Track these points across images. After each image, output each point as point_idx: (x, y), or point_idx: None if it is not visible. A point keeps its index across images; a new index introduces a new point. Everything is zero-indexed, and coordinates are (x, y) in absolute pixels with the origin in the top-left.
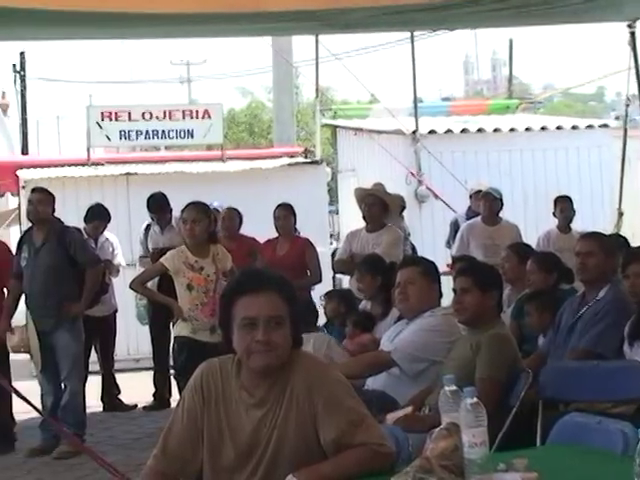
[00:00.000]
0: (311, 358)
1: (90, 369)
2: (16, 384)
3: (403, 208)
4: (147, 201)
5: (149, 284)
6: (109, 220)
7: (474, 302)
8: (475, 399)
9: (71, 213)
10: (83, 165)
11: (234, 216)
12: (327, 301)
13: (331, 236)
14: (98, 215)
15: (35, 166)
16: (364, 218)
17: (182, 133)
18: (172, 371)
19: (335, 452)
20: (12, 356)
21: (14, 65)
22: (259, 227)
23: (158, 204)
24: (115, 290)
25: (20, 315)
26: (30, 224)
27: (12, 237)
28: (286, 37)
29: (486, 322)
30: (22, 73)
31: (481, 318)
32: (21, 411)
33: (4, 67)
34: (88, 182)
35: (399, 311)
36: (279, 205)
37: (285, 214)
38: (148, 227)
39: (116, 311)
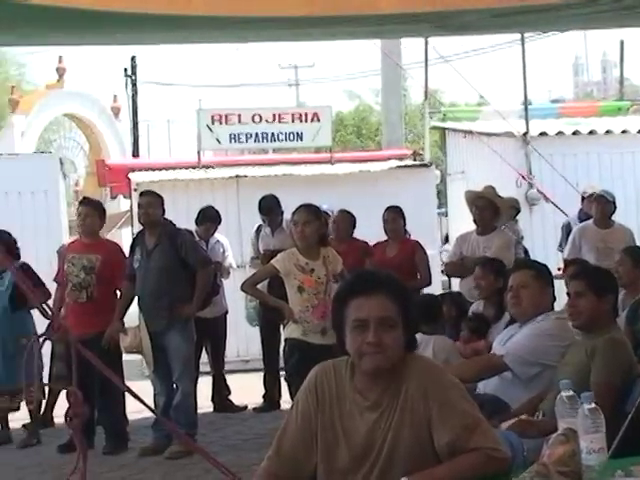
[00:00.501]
0: (425, 361)
1: (201, 370)
2: (128, 384)
3: (517, 211)
4: (258, 203)
5: (260, 286)
6: (219, 222)
7: (589, 306)
8: (593, 404)
9: (182, 215)
10: (194, 168)
11: (347, 219)
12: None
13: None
14: (209, 217)
15: (146, 169)
16: (475, 221)
17: (291, 136)
18: (282, 373)
19: (449, 456)
20: (125, 356)
21: (125, 69)
22: (368, 230)
23: (269, 206)
24: (225, 292)
25: (133, 316)
26: (142, 226)
27: (124, 239)
28: (395, 39)
29: (601, 327)
30: (133, 77)
31: (596, 323)
32: (134, 411)
33: (116, 71)
34: (199, 185)
35: (511, 315)
36: (388, 208)
37: (394, 217)
38: (259, 229)
39: (226, 312)
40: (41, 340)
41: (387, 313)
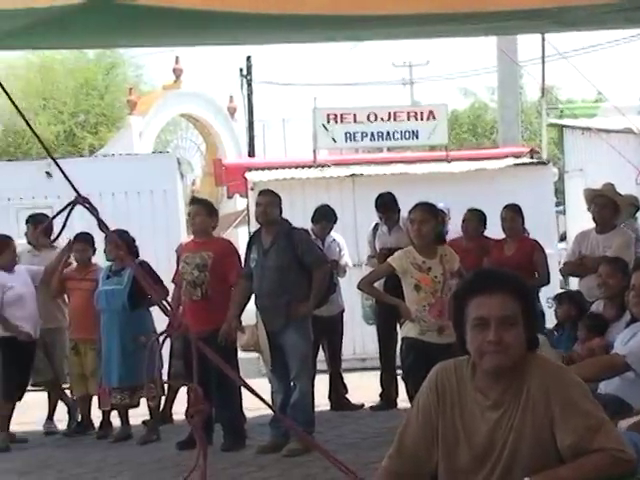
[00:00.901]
0: (547, 360)
1: (318, 368)
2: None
3: (637, 209)
4: (375, 201)
5: (376, 284)
6: (335, 221)
7: None
8: None
9: (298, 214)
10: (309, 167)
11: (476, 217)
12: (558, 304)
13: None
14: (325, 216)
15: (263, 168)
16: (594, 219)
17: (407, 134)
18: (399, 372)
19: (572, 457)
20: (241, 354)
21: (241, 69)
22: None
23: (386, 204)
24: (342, 290)
25: (250, 314)
26: (259, 225)
27: (240, 238)
28: (511, 36)
29: None
30: (248, 77)
31: None
32: (251, 408)
33: (231, 72)
34: (315, 184)
35: (633, 314)
36: (506, 206)
37: (512, 215)
38: (376, 227)
39: (343, 311)
40: (162, 338)
41: (508, 312)
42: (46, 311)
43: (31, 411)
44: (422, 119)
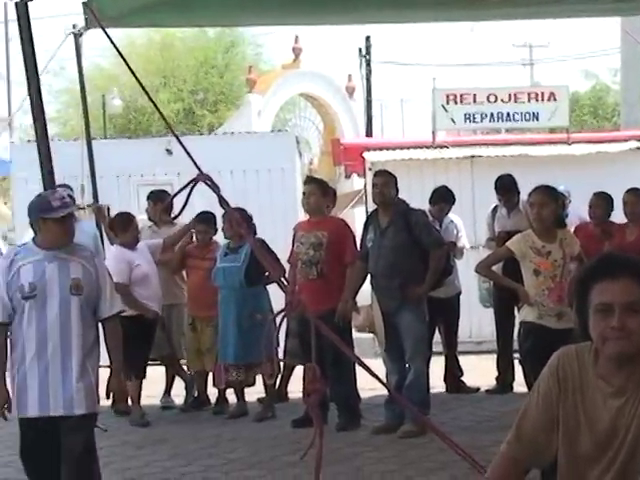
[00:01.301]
0: None
1: (433, 350)
2: None
3: None
4: (495, 182)
5: (494, 267)
6: (453, 202)
7: None
8: None
9: (416, 195)
10: (427, 147)
11: (602, 202)
12: None
13: None
14: (443, 197)
15: (380, 148)
16: None
17: (527, 116)
18: (516, 356)
19: None
20: (356, 335)
21: (360, 49)
22: None
23: (506, 186)
24: (459, 272)
25: (365, 295)
26: (375, 206)
27: (357, 218)
28: (635, 17)
29: None
30: (367, 57)
31: None
32: (365, 388)
33: (350, 51)
34: (433, 165)
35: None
36: (628, 190)
37: (634, 199)
38: (495, 209)
39: (460, 293)
40: (279, 317)
41: (633, 297)
42: (165, 287)
43: (149, 385)
44: (543, 100)
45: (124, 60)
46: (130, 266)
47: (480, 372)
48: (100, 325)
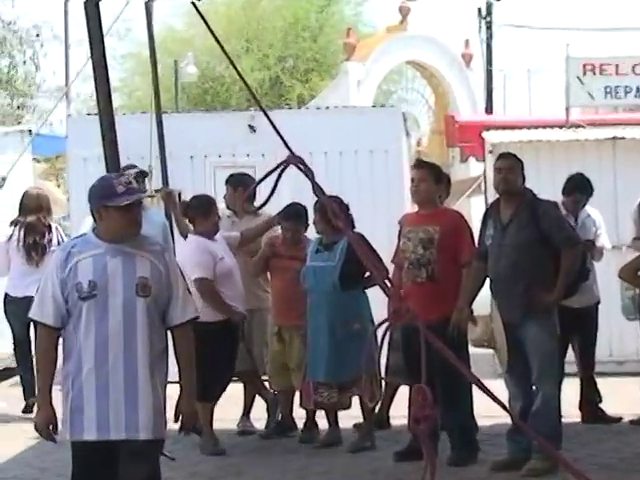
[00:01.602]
0: None
1: (566, 370)
2: None
3: None
4: None
5: None
6: (591, 193)
7: None
8: None
9: (546, 184)
10: (560, 127)
11: None
12: None
13: None
14: (578, 187)
15: (503, 127)
16: None
17: None
18: None
19: None
20: (473, 350)
21: (479, 10)
22: None
23: None
24: (597, 277)
25: (484, 302)
26: (497, 195)
27: (474, 209)
28: None
29: None
30: (488, 19)
31: None
32: (484, 415)
33: (468, 12)
34: (566, 147)
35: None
36: None
37: None
38: None
39: (598, 302)
40: (384, 327)
41: None
42: (244, 289)
43: (224, 406)
44: None
45: (202, 18)
46: (215, 259)
47: (623, 398)
48: (169, 333)
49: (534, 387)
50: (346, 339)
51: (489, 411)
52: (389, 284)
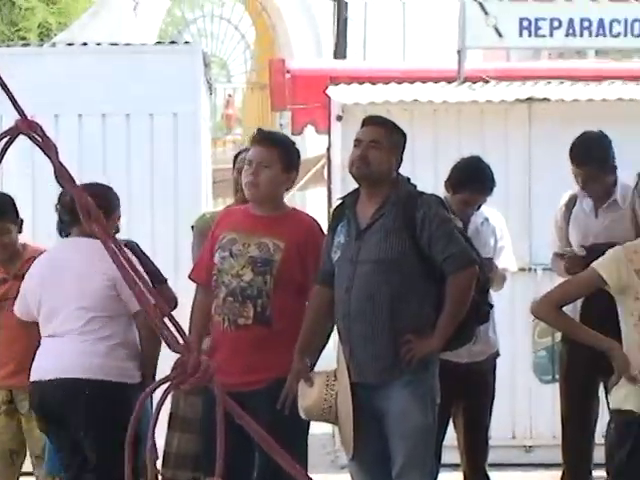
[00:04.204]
0: None
1: (445, 460)
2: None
3: None
4: (570, 150)
5: (567, 309)
6: (492, 188)
7: None
8: None
9: (425, 169)
10: (449, 82)
11: None
12: None
13: None
14: (473, 178)
15: (362, 79)
16: None
17: (636, 26)
18: (601, 474)
19: None
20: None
21: None
22: None
23: (591, 156)
24: (497, 316)
25: (327, 355)
26: (351, 185)
27: (311, 205)
28: None
29: None
30: None
31: None
32: None
33: None
34: (457, 113)
35: None
36: None
37: None
38: (571, 202)
39: (497, 355)
40: (161, 390)
41: None
42: None
43: None
44: None
45: None
46: None
47: None
48: None
49: None
50: None
51: None
52: (172, 324)
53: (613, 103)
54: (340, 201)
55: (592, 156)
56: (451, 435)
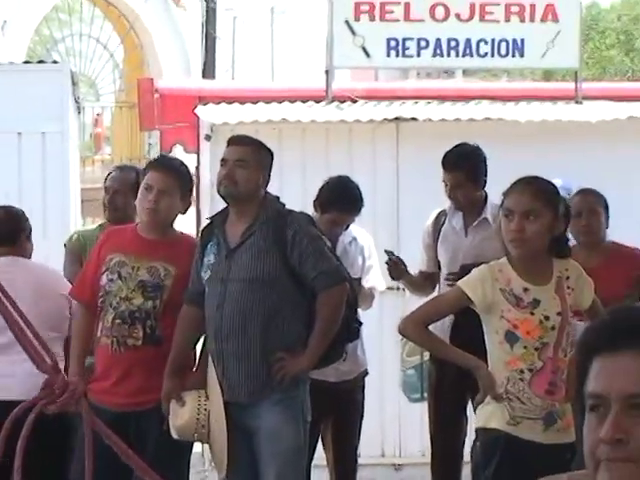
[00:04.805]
0: None
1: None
2: None
3: None
4: (442, 163)
5: (433, 327)
6: (360, 207)
7: None
8: None
9: (295, 187)
10: (317, 101)
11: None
12: None
13: None
14: (341, 198)
15: (230, 99)
16: None
17: (502, 47)
18: None
19: None
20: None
21: None
22: None
23: (461, 170)
24: (365, 335)
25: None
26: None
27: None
28: None
29: None
30: None
31: None
32: None
33: None
34: (326, 132)
35: None
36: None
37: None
38: (440, 217)
39: (365, 374)
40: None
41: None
42: None
43: None
44: (532, 20)
45: None
46: None
47: None
48: None
49: None
50: None
51: None
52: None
53: (480, 122)
54: (209, 221)
55: (463, 162)
56: (320, 454)
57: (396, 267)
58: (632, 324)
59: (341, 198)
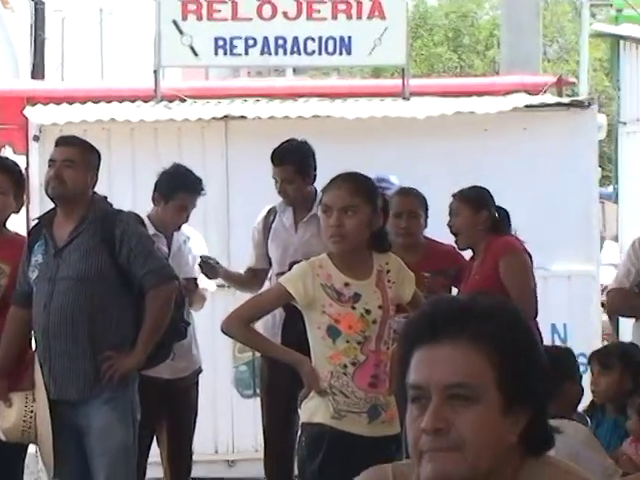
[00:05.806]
0: (563, 471)
1: (151, 476)
2: None
3: None
4: (272, 159)
5: (260, 324)
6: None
7: None
8: None
9: (125, 186)
10: (145, 101)
11: (415, 203)
12: (601, 368)
13: None
14: (175, 189)
15: (59, 100)
16: None
17: (329, 44)
18: None
19: None
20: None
21: None
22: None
23: (289, 165)
24: (199, 333)
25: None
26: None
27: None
28: None
29: None
30: None
31: None
32: None
33: None
34: (156, 131)
35: None
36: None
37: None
38: (271, 215)
39: (199, 371)
40: None
41: (462, 378)
42: None
43: None
44: (360, 17)
45: None
46: None
47: None
48: None
49: None
50: None
51: None
52: None
53: (308, 120)
54: (36, 221)
55: (291, 156)
56: (155, 451)
57: (207, 266)
58: (452, 314)
59: (184, 180)
